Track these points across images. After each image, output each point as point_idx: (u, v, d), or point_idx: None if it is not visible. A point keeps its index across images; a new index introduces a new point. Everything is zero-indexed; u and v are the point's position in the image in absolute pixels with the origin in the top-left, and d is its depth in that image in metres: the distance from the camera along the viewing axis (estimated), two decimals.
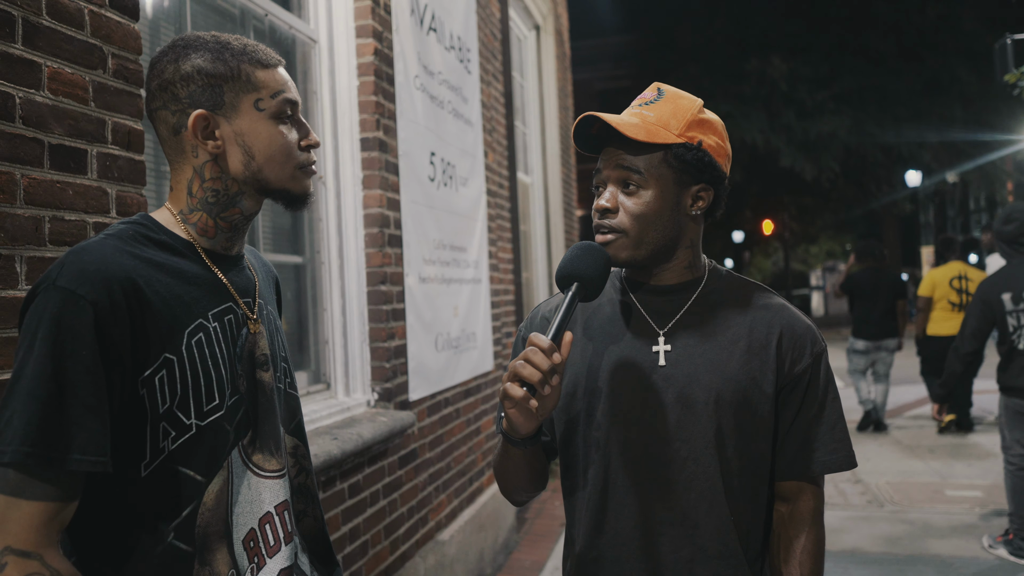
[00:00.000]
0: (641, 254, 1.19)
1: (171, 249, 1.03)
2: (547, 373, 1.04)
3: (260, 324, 1.11)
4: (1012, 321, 3.56)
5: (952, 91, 16.70)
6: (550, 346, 1.05)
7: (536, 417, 1.08)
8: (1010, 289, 3.57)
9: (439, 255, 3.50)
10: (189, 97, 1.03)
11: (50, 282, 0.91)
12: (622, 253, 1.18)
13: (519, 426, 1.10)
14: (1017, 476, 3.73)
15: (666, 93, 1.22)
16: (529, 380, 1.04)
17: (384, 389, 2.94)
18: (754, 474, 1.20)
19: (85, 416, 0.87)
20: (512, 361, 1.07)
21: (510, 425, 1.11)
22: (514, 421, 1.10)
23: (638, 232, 1.17)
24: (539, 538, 4.41)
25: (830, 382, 1.23)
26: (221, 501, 1.01)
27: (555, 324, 1.09)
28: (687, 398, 1.18)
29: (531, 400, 1.04)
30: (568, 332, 1.09)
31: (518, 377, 1.05)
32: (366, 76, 2.92)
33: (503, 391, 1.06)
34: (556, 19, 7.55)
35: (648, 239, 1.18)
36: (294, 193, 1.09)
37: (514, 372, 1.05)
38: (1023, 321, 3.53)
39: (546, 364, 1.04)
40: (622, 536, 1.19)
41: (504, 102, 5.10)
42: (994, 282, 3.67)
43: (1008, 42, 7.14)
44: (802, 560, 1.19)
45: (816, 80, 16.83)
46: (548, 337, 1.07)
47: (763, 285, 1.29)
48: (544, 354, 1.05)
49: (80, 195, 1.51)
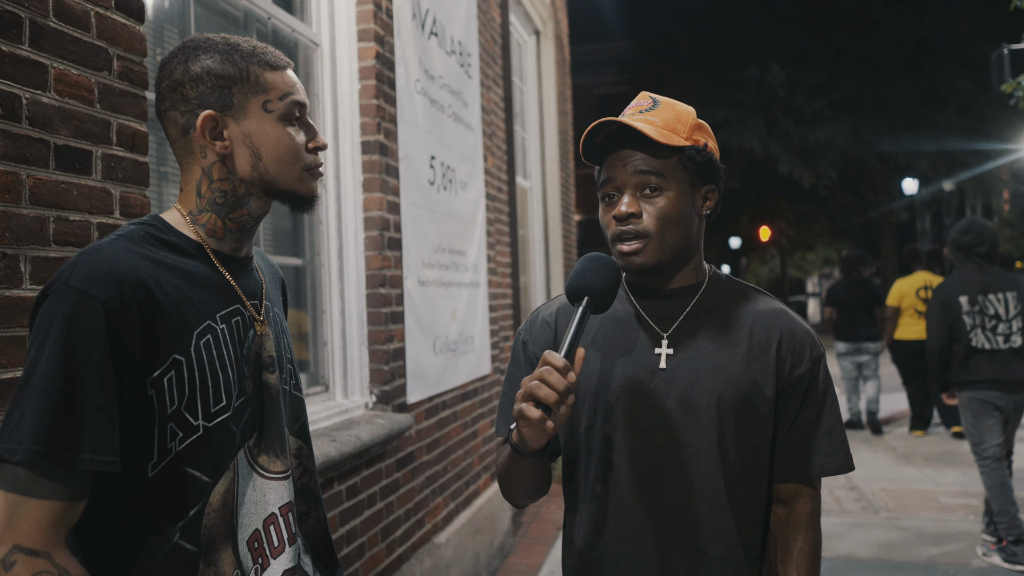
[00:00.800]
0: (666, 257, 1.20)
1: (181, 250, 1.04)
2: (563, 394, 1.02)
3: (267, 326, 1.12)
4: (968, 321, 3.89)
5: (949, 100, 16.79)
6: (565, 365, 1.04)
7: (549, 434, 1.07)
8: (966, 292, 3.92)
9: (438, 258, 3.52)
10: (198, 98, 1.04)
11: (62, 282, 0.92)
12: (650, 259, 1.18)
13: (531, 442, 1.09)
14: (994, 471, 3.84)
15: (661, 101, 1.24)
16: (545, 401, 1.02)
17: (382, 391, 2.94)
18: (754, 476, 1.21)
19: (96, 416, 0.88)
20: (525, 379, 1.05)
21: (521, 440, 1.10)
22: (527, 438, 1.08)
23: (662, 234, 1.18)
24: (535, 542, 4.42)
25: (828, 387, 1.24)
26: (227, 502, 1.01)
27: (567, 340, 1.07)
28: (689, 401, 1.19)
29: (547, 421, 1.03)
30: (580, 348, 1.08)
31: (533, 398, 1.03)
32: (367, 80, 2.94)
33: (518, 411, 1.04)
34: (556, 24, 7.57)
35: (670, 241, 1.19)
36: (301, 195, 1.10)
37: (530, 393, 1.03)
38: (978, 322, 3.88)
39: (562, 384, 1.02)
40: (623, 538, 1.20)
41: (504, 107, 5.11)
42: (951, 286, 4.00)
43: (1005, 52, 7.19)
44: (799, 562, 1.20)
45: (814, 87, 16.89)
46: (561, 354, 1.06)
47: (762, 290, 1.31)
48: (560, 374, 1.03)
49: (84, 196, 1.52)
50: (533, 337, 1.33)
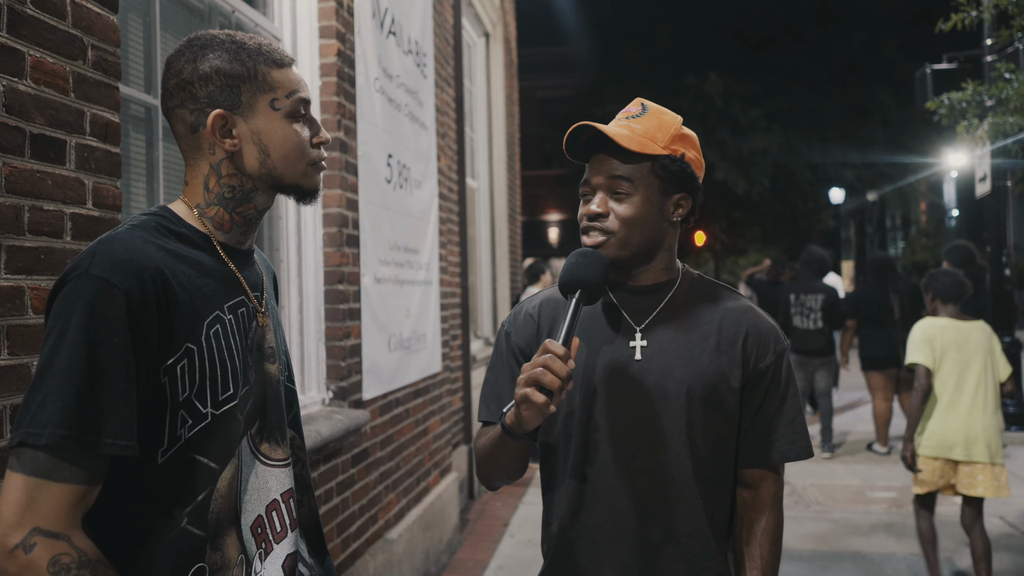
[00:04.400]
0: (626, 254, 1.28)
1: (190, 242, 1.06)
2: (565, 380, 1.11)
3: (268, 317, 1.15)
4: (793, 310, 6.51)
5: (874, 115, 17.60)
6: (565, 353, 1.12)
7: (546, 416, 1.15)
8: (794, 292, 6.58)
9: (394, 256, 3.54)
10: (208, 97, 1.06)
11: (82, 270, 0.93)
12: (610, 252, 1.27)
13: (528, 424, 1.17)
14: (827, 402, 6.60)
15: (650, 108, 1.31)
16: (550, 387, 1.10)
17: (339, 388, 2.95)
18: (721, 461, 1.31)
19: (116, 401, 0.90)
20: (527, 366, 1.13)
21: (518, 422, 1.18)
22: (526, 420, 1.16)
23: (625, 234, 1.26)
24: (481, 538, 4.47)
25: (790, 379, 1.34)
26: (232, 488, 1.04)
27: (564, 330, 1.16)
28: (661, 390, 1.27)
29: (550, 405, 1.11)
30: (576, 338, 1.16)
31: (538, 383, 1.11)
32: (329, 77, 2.94)
33: (523, 395, 1.12)
34: (505, 27, 7.65)
35: (633, 241, 1.27)
36: (306, 188, 1.13)
37: (535, 379, 1.11)
38: (799, 310, 6.48)
39: (565, 371, 1.11)
40: (598, 518, 1.28)
41: (455, 107, 5.15)
42: (789, 288, 6.71)
43: (928, 71, 7.62)
44: (762, 541, 1.30)
45: (749, 98, 17.46)
46: (559, 342, 1.14)
47: (731, 288, 1.40)
48: (562, 361, 1.12)
49: (58, 185, 1.50)
50: (517, 329, 1.40)
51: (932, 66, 7.70)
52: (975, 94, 5.04)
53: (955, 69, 7.51)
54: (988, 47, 6.85)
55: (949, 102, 5.11)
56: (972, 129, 5.18)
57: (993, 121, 5.03)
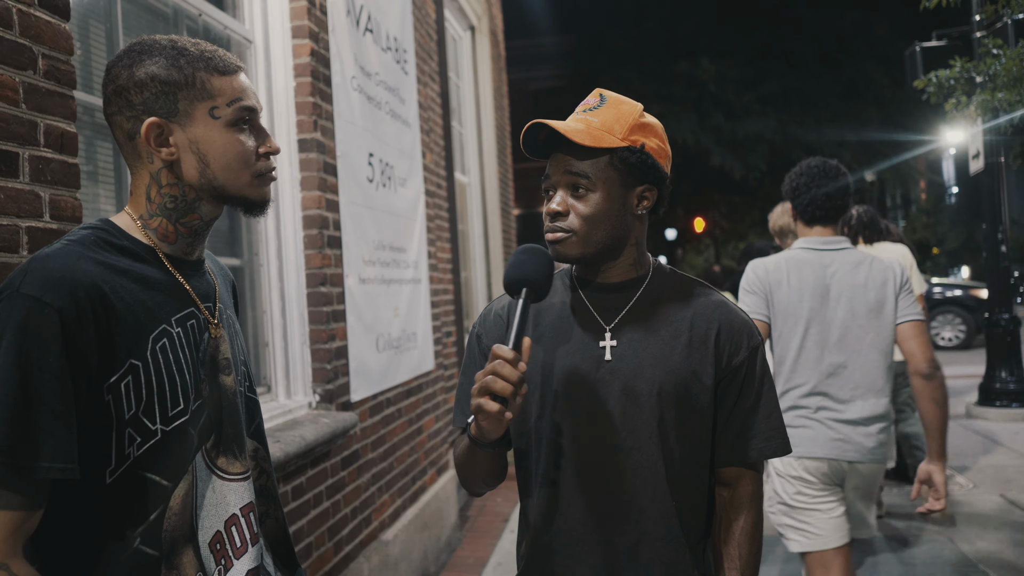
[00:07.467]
0: (590, 251, 1.24)
1: (133, 255, 1.03)
2: (517, 384, 1.07)
3: (221, 328, 1.12)
4: None
5: (868, 94, 17.51)
6: (514, 356, 1.08)
7: (506, 423, 1.11)
8: None
9: (379, 256, 3.51)
10: (143, 104, 1.03)
11: (13, 289, 0.90)
12: (572, 250, 1.23)
13: (490, 433, 1.13)
14: None
15: (608, 99, 1.27)
16: (502, 394, 1.07)
17: (326, 390, 2.93)
18: (695, 462, 1.27)
19: (53, 424, 0.87)
20: (479, 374, 1.10)
21: (480, 432, 1.14)
22: (486, 430, 1.12)
23: (586, 231, 1.22)
24: (482, 535, 4.46)
25: (765, 374, 1.30)
26: (186, 505, 1.01)
27: (513, 331, 1.12)
28: (631, 390, 1.23)
29: (505, 412, 1.08)
30: (527, 338, 1.12)
31: (489, 391, 1.07)
32: (303, 77, 2.91)
33: (476, 406, 1.08)
34: (491, 20, 7.59)
35: (596, 238, 1.23)
36: (252, 200, 1.09)
37: (486, 387, 1.08)
38: None
39: (515, 376, 1.07)
40: (571, 523, 1.25)
41: (441, 103, 5.11)
42: None
43: (917, 49, 7.55)
44: (740, 541, 1.27)
45: (742, 82, 17.37)
46: (509, 345, 1.10)
47: (703, 282, 1.36)
48: (511, 365, 1.08)
49: (12, 199, 1.47)
50: (487, 330, 1.37)
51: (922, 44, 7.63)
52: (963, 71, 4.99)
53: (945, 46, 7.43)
54: (977, 23, 6.79)
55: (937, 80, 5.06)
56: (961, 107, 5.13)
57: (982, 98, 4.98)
